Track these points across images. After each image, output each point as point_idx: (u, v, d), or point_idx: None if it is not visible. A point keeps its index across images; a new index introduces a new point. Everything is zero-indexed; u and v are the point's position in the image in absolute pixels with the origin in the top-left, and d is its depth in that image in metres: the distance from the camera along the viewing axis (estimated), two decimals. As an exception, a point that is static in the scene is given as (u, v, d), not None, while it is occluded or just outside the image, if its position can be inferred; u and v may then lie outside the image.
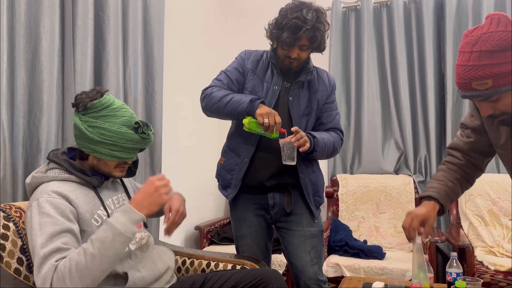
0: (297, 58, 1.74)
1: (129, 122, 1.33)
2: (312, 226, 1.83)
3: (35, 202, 1.22)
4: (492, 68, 1.13)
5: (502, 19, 1.14)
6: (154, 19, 2.38)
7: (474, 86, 1.17)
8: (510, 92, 1.16)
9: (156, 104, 2.38)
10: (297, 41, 1.69)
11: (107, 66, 2.04)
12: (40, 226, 1.17)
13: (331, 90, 1.89)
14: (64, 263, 1.13)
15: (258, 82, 1.82)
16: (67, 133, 1.83)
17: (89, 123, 1.30)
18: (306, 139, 1.66)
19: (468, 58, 1.17)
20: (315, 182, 1.84)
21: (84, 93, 1.34)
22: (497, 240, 2.63)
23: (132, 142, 1.33)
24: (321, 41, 1.73)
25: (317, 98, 1.83)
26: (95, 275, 1.13)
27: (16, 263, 1.28)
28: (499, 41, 1.13)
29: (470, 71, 1.16)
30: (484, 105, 1.23)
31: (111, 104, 1.33)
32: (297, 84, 1.81)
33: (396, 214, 2.99)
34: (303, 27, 1.64)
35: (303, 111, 1.80)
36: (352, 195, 3.11)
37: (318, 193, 1.86)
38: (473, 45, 1.16)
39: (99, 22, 2.03)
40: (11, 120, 1.60)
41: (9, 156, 1.57)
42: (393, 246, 2.91)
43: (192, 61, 3.10)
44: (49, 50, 1.73)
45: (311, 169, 1.83)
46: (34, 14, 1.70)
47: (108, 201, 1.39)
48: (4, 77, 1.55)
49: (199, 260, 1.73)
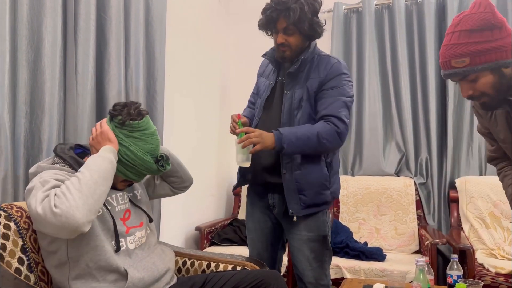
0: (286, 45, 1.72)
1: (154, 152, 1.39)
2: (311, 230, 1.76)
3: (37, 177, 1.25)
4: (470, 46, 1.20)
5: (483, 2, 1.21)
6: (156, 20, 2.38)
7: (453, 64, 1.24)
8: (488, 71, 1.22)
9: (157, 105, 2.38)
10: (273, 23, 1.71)
11: (109, 66, 2.05)
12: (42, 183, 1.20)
13: (325, 76, 1.73)
14: (61, 188, 1.17)
15: (263, 81, 1.89)
16: (68, 133, 1.83)
17: (120, 139, 1.35)
18: (253, 140, 1.57)
19: (450, 38, 1.25)
20: (300, 179, 1.71)
21: (125, 108, 1.36)
22: (498, 242, 2.63)
23: (148, 170, 1.40)
24: (302, 21, 1.67)
25: (307, 86, 1.74)
26: (91, 187, 1.18)
27: (17, 263, 1.28)
28: (477, 21, 1.20)
29: (450, 49, 1.24)
30: (464, 85, 1.28)
31: (146, 129, 1.38)
32: (289, 77, 1.77)
33: (397, 216, 2.99)
34: (274, 7, 1.68)
35: (295, 104, 1.74)
36: (353, 197, 3.10)
37: (303, 192, 1.72)
38: (455, 26, 1.25)
39: (101, 23, 2.03)
40: (13, 120, 1.60)
41: (11, 156, 1.58)
42: (393, 248, 2.91)
43: (193, 62, 3.11)
44: (51, 51, 1.74)
45: (296, 165, 1.72)
46: (36, 15, 1.70)
47: (110, 197, 1.40)
48: (6, 77, 1.55)
49: (199, 261, 1.73)
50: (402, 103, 3.12)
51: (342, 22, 3.30)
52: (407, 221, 2.96)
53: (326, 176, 1.75)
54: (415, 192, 3.01)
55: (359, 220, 3.06)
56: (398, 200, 3.01)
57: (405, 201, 3.00)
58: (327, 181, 1.76)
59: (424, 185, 3.08)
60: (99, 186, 1.21)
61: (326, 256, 1.81)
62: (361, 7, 3.24)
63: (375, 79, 3.21)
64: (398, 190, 3.02)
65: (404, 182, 3.04)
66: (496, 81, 1.24)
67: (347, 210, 3.10)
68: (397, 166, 3.16)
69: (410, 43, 3.13)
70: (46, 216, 1.11)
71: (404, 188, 3.02)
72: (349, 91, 1.74)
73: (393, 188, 3.03)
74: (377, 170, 3.17)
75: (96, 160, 1.27)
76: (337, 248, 2.75)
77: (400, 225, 2.96)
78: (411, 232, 2.92)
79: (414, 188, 3.02)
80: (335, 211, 3.15)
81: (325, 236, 1.79)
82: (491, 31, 1.19)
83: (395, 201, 3.01)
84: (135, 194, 1.54)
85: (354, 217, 3.07)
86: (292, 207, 1.72)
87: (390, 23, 3.18)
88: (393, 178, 3.10)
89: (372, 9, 3.21)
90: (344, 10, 3.30)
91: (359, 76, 3.25)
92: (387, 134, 3.21)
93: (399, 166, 3.16)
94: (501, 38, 1.20)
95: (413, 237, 2.91)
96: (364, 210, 3.07)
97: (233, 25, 3.67)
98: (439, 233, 2.71)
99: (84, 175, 1.20)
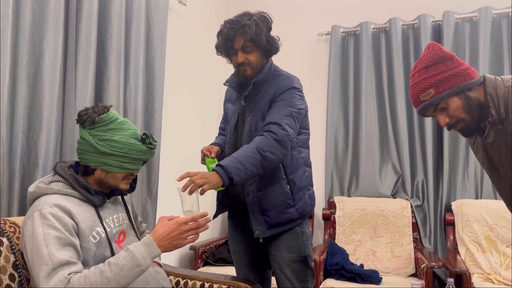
0: (247, 63, 1.71)
1: (136, 134, 1.38)
2: (291, 251, 1.74)
3: (37, 213, 1.22)
4: (430, 79, 1.38)
5: (430, 44, 1.42)
6: (156, 39, 2.41)
7: (421, 98, 1.40)
8: (454, 96, 1.37)
9: (155, 122, 2.39)
10: (230, 42, 1.70)
11: (108, 83, 2.06)
12: (45, 237, 1.17)
13: (273, 93, 1.71)
14: (79, 279, 1.14)
15: (229, 107, 1.90)
16: (65, 149, 1.83)
17: (99, 137, 1.33)
18: (198, 182, 1.43)
19: (413, 79, 1.43)
20: (262, 200, 1.70)
21: (89, 109, 1.36)
22: (494, 267, 2.61)
23: (140, 153, 1.38)
24: (259, 35, 1.67)
25: (260, 108, 1.73)
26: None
27: (8, 279, 1.26)
28: (429, 58, 1.39)
29: (416, 87, 1.41)
30: (438, 115, 1.42)
31: (117, 118, 1.38)
32: (246, 101, 1.77)
33: (393, 238, 2.97)
34: (229, 26, 1.68)
35: (254, 126, 1.73)
36: (349, 218, 3.09)
37: (266, 212, 1.70)
38: (414, 69, 1.44)
39: (102, 40, 2.05)
40: (10, 135, 1.60)
41: (7, 170, 1.57)
42: (389, 271, 2.88)
43: (192, 81, 3.13)
44: (52, 66, 1.75)
45: (257, 187, 1.70)
46: (38, 31, 1.72)
47: (108, 219, 1.39)
48: (5, 91, 1.55)
49: (193, 280, 1.71)
50: (399, 125, 3.14)
51: (339, 44, 3.35)
52: (404, 243, 2.94)
53: (287, 195, 1.72)
54: (411, 214, 3.00)
55: (355, 242, 3.04)
56: (394, 222, 3.00)
57: (401, 223, 2.99)
58: (290, 199, 1.72)
59: (421, 208, 3.07)
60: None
61: (308, 276, 1.78)
62: (359, 30, 3.30)
63: (372, 101, 3.24)
64: (394, 212, 3.01)
65: (400, 204, 3.04)
66: (464, 104, 1.37)
67: (343, 231, 3.08)
68: (393, 187, 3.16)
69: (407, 66, 3.17)
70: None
71: (400, 210, 3.01)
72: (297, 104, 1.69)
73: (389, 210, 3.02)
74: (373, 191, 3.17)
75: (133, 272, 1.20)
76: (332, 270, 2.73)
77: (396, 248, 2.94)
78: (407, 254, 2.91)
79: (411, 210, 3.01)
80: (331, 232, 3.13)
81: (305, 257, 1.76)
82: (444, 62, 1.38)
83: (392, 223, 3.00)
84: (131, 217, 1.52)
85: (350, 239, 3.05)
86: (257, 228, 1.71)
87: (387, 46, 3.23)
88: (390, 199, 3.10)
89: (369, 33, 3.27)
90: (342, 33, 3.36)
91: (356, 98, 3.28)
92: (383, 156, 3.22)
93: (396, 187, 3.16)
94: (454, 67, 1.37)
95: (409, 260, 2.89)
96: (360, 232, 3.05)
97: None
98: (435, 256, 2.70)
99: (108, 285, 1.16)
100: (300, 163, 1.77)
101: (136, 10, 2.27)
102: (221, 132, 2.02)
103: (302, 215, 1.76)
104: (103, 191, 1.41)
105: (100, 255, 1.29)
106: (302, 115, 1.73)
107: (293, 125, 1.66)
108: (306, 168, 1.82)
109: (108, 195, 1.43)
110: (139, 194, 2.30)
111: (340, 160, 3.32)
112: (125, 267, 1.19)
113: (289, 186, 1.73)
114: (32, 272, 1.18)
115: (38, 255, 1.16)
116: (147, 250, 1.23)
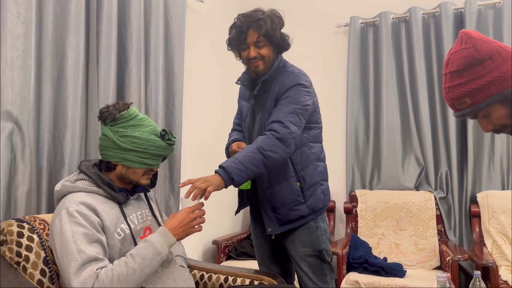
0: (259, 58, 1.70)
1: (155, 131, 1.42)
2: (306, 246, 1.75)
3: (64, 210, 1.26)
4: (465, 86, 1.12)
5: (463, 37, 1.14)
6: (175, 37, 2.43)
7: (456, 106, 1.17)
8: (496, 104, 1.12)
9: (176, 119, 2.42)
10: (243, 35, 1.69)
11: (130, 82, 2.09)
12: (73, 234, 1.21)
13: (278, 91, 1.70)
14: (106, 272, 1.19)
15: (244, 105, 1.90)
16: (90, 148, 1.87)
17: (120, 133, 1.37)
18: (201, 186, 1.43)
19: (445, 80, 1.18)
20: (272, 198, 1.73)
21: (110, 106, 1.40)
22: (522, 259, 2.55)
23: (160, 149, 1.41)
24: (273, 30, 1.67)
25: (266, 107, 1.74)
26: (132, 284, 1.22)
27: (39, 274, 1.31)
28: (461, 59, 1.12)
29: (448, 92, 1.17)
30: (480, 121, 1.21)
31: (138, 115, 1.41)
32: (255, 99, 1.77)
33: (417, 231, 2.94)
34: (243, 20, 1.68)
35: (264, 125, 1.72)
36: (371, 211, 3.07)
37: (277, 210, 1.73)
38: (445, 67, 1.18)
39: (122, 40, 2.09)
40: (36, 135, 1.65)
41: (35, 169, 1.62)
42: (414, 264, 2.85)
43: (211, 77, 3.15)
44: (74, 67, 1.79)
45: (267, 185, 1.73)
46: (60, 33, 1.76)
47: (132, 216, 1.42)
48: (31, 92, 1.60)
49: (217, 274, 1.73)
50: (421, 116, 3.09)
51: (358, 36, 3.31)
52: (428, 236, 2.90)
53: (297, 192, 1.72)
54: (435, 207, 2.96)
55: (378, 235, 3.02)
56: (418, 214, 2.96)
57: (425, 216, 2.94)
58: (300, 196, 1.73)
59: (445, 200, 3.02)
60: (138, 285, 1.25)
61: (325, 270, 1.79)
62: (378, 20, 3.25)
63: (393, 92, 3.19)
64: (418, 204, 2.97)
65: (424, 197, 2.99)
66: (509, 111, 1.14)
67: (365, 224, 3.06)
68: (416, 180, 3.11)
69: (428, 56, 3.11)
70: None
71: (424, 202, 2.97)
72: (302, 100, 1.67)
73: (412, 203, 2.98)
74: (396, 184, 3.13)
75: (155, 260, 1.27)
76: (356, 263, 2.71)
77: (420, 241, 2.91)
78: (431, 247, 2.87)
79: (434, 203, 2.97)
80: (353, 226, 3.11)
81: (320, 251, 1.76)
82: (481, 65, 1.11)
83: (415, 216, 2.96)
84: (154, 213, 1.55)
85: (373, 232, 3.03)
86: (269, 225, 1.74)
87: (407, 36, 3.17)
88: (413, 192, 3.06)
89: (389, 23, 3.21)
90: (361, 24, 3.31)
91: (376, 89, 3.24)
92: (405, 148, 3.17)
93: (419, 180, 3.12)
94: (495, 68, 1.10)
95: (434, 252, 2.85)
96: (383, 225, 3.02)
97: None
98: (460, 249, 2.65)
99: (134, 275, 1.22)
100: (311, 158, 1.76)
101: (155, 8, 2.29)
102: (236, 128, 2.03)
103: (314, 211, 1.75)
104: (126, 187, 1.45)
105: (125, 252, 1.32)
106: (309, 111, 1.71)
107: (298, 122, 1.65)
108: (318, 163, 1.80)
109: (131, 192, 1.46)
110: (162, 190, 2.34)
111: (361, 153, 3.28)
112: (147, 256, 1.25)
113: (299, 183, 1.73)
114: (61, 268, 1.22)
115: (67, 251, 1.20)
116: (164, 239, 1.30)
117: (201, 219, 1.39)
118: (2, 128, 1.50)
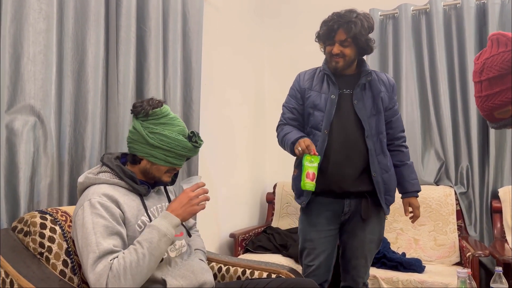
0: (340, 55, 1.83)
1: (184, 131, 1.44)
2: (374, 233, 1.94)
3: (87, 202, 1.28)
4: (507, 92, 1.03)
5: (501, 39, 1.05)
6: (192, 31, 2.44)
7: (497, 116, 1.09)
8: None
9: (193, 113, 2.43)
10: (333, 33, 1.81)
11: (148, 76, 2.11)
12: (93, 226, 1.24)
13: (391, 91, 1.96)
14: (118, 261, 1.21)
15: (316, 95, 1.91)
16: (110, 141, 1.90)
17: (150, 129, 1.40)
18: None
19: (480, 88, 1.08)
20: (387, 181, 1.90)
21: (144, 101, 1.43)
22: (546, 256, 2.49)
23: (185, 150, 1.43)
24: (361, 34, 1.79)
25: (381, 97, 1.90)
26: (144, 273, 1.24)
27: (61, 265, 1.34)
28: (503, 63, 1.03)
29: (487, 101, 1.08)
30: None
31: (169, 114, 1.44)
32: (359, 87, 1.88)
33: (437, 226, 2.90)
34: (336, 19, 1.80)
35: (370, 111, 1.87)
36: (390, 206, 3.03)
37: (389, 193, 1.93)
38: (480, 73, 1.08)
39: (141, 34, 2.10)
40: (58, 128, 1.68)
41: (56, 162, 1.65)
42: (433, 260, 2.81)
43: (228, 71, 3.16)
44: (95, 62, 1.81)
45: (384, 168, 1.89)
46: (81, 28, 1.78)
47: (152, 209, 1.44)
48: (53, 87, 1.63)
49: (234, 267, 1.74)
50: (441, 110, 3.03)
51: (378, 28, 3.25)
52: (447, 231, 2.86)
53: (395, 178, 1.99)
54: (455, 202, 2.91)
55: (397, 230, 2.99)
56: (437, 210, 2.91)
57: (445, 211, 2.90)
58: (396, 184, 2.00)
59: (465, 195, 2.97)
60: (151, 270, 1.28)
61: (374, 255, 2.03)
62: (397, 13, 3.19)
63: (413, 86, 3.14)
64: (437, 199, 2.93)
65: (444, 192, 2.95)
66: None
67: (383, 219, 3.03)
68: (436, 174, 3.07)
69: (449, 49, 3.04)
70: (95, 285, 1.19)
71: (444, 197, 2.92)
72: None
73: (432, 198, 2.94)
74: (415, 178, 3.08)
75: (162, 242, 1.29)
76: (374, 258, 2.69)
77: (439, 236, 2.87)
78: (451, 243, 2.82)
79: (455, 198, 2.92)
80: (371, 221, 3.09)
81: (381, 239, 1.98)
82: None
83: (435, 211, 2.92)
84: None
85: (392, 227, 3.00)
86: (384, 208, 1.92)
87: (427, 28, 3.11)
88: (433, 187, 3.01)
89: (409, 15, 3.16)
90: (380, 16, 3.26)
91: (396, 83, 3.18)
92: (425, 142, 3.13)
93: (439, 174, 3.07)
94: None
95: (454, 248, 2.81)
96: (402, 220, 2.99)
97: (268, 35, 3.70)
98: (481, 245, 2.61)
99: (144, 260, 1.24)
100: None
101: (173, 3, 2.30)
102: (290, 123, 1.97)
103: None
104: (148, 181, 1.47)
105: None
106: None
107: None
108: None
109: (152, 185, 1.48)
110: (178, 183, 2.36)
111: (379, 147, 3.25)
112: (154, 239, 1.27)
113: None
114: (81, 259, 1.25)
115: (87, 242, 1.23)
116: (166, 221, 1.32)
117: (203, 196, 1.40)
118: (25, 122, 1.54)
